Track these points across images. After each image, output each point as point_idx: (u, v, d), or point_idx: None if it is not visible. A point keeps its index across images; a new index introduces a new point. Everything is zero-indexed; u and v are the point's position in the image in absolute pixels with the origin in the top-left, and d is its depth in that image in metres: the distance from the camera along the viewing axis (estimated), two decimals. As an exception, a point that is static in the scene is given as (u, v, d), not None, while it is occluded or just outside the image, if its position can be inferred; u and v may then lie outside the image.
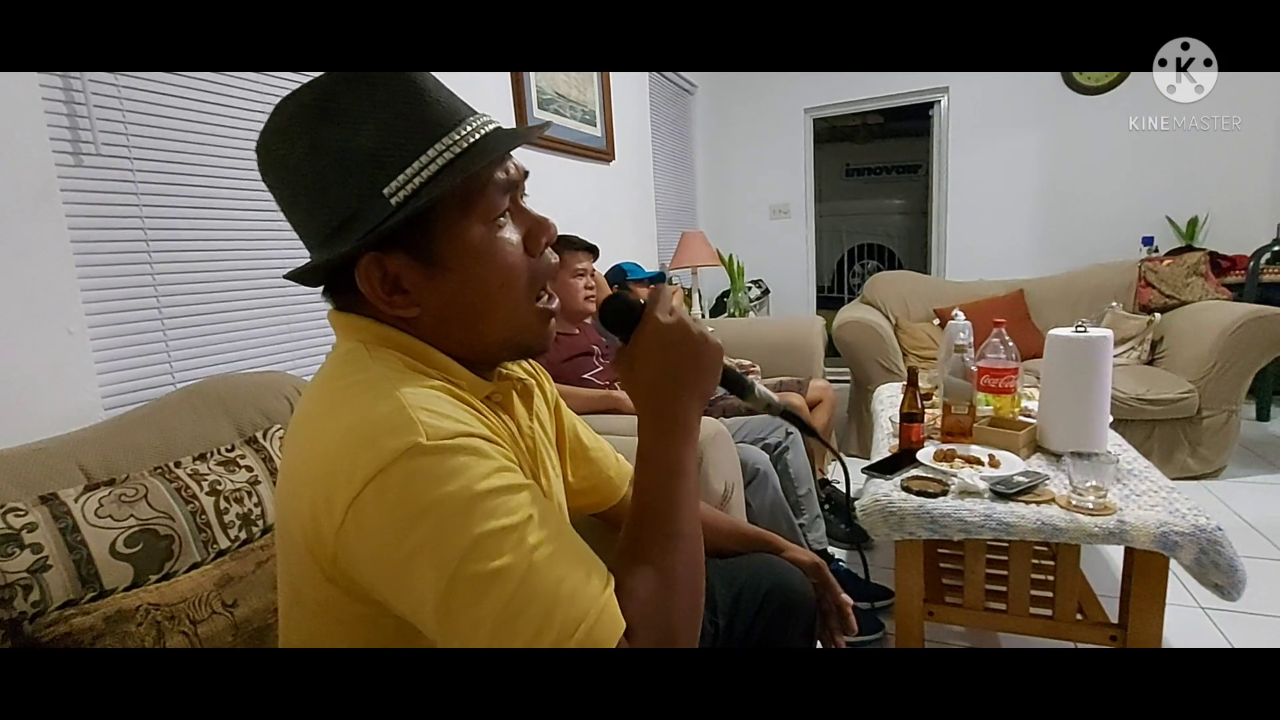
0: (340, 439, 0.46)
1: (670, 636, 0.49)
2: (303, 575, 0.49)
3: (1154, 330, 2.58)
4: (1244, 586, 1.06)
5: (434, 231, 0.51)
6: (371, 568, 0.45)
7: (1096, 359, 1.32)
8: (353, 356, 0.52)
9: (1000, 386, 1.54)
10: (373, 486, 0.43)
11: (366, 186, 0.50)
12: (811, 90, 4.09)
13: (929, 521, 1.18)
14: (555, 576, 0.45)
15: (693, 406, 0.57)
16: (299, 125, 0.51)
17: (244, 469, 0.88)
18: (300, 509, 0.48)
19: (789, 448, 1.70)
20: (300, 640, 0.54)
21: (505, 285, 0.54)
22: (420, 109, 0.51)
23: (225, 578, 0.73)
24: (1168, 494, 1.18)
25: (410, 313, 0.53)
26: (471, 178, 0.51)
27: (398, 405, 0.46)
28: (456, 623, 0.43)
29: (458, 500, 0.44)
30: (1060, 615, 1.21)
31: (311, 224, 0.53)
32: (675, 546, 0.52)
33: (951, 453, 1.39)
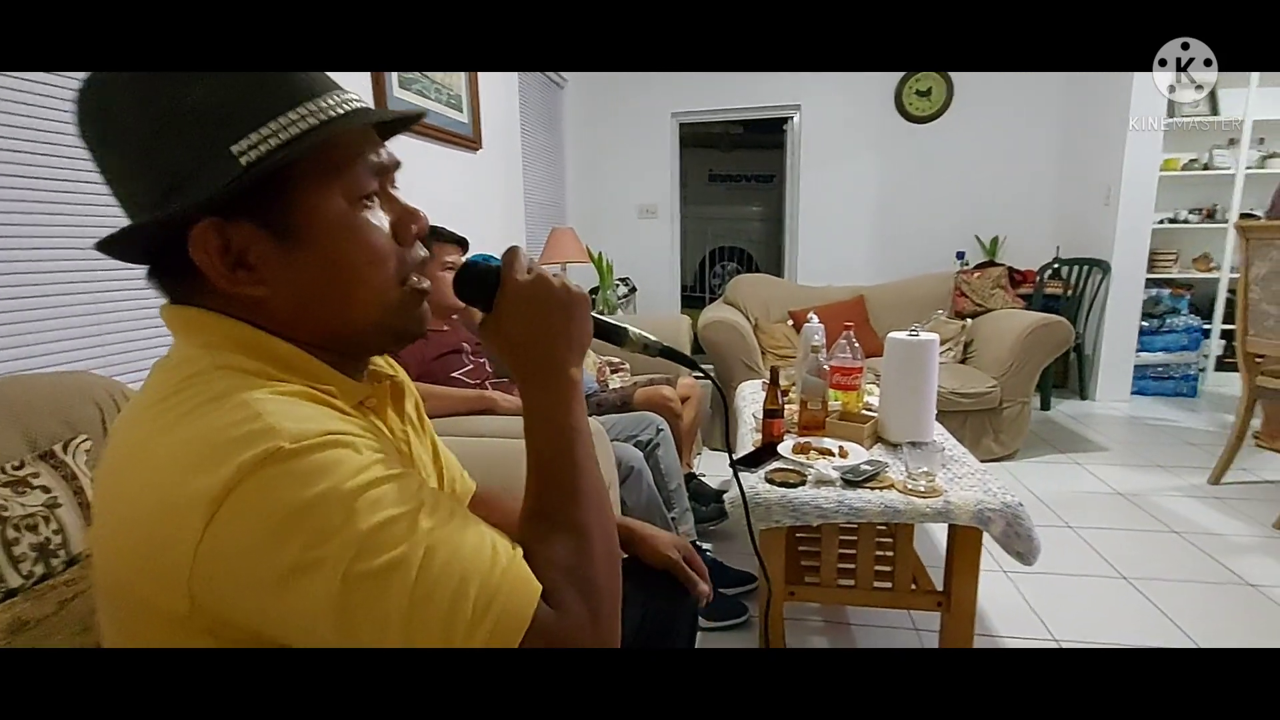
0: (179, 459, 0.40)
1: (593, 590, 0.47)
2: (147, 631, 0.42)
3: (966, 333, 2.97)
4: (1039, 553, 1.25)
5: (291, 200, 0.45)
6: (246, 599, 0.39)
7: (926, 359, 1.49)
8: (190, 364, 0.45)
9: (848, 384, 1.69)
10: (230, 504, 0.38)
11: (208, 143, 0.43)
12: (678, 96, 4.22)
13: (791, 510, 1.27)
14: (457, 558, 0.42)
15: (571, 359, 0.54)
16: (137, 80, 0.43)
17: (38, 489, 0.73)
18: (131, 550, 0.41)
19: (660, 444, 1.74)
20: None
21: (371, 264, 0.49)
22: (276, 71, 0.45)
23: (17, 622, 0.60)
24: (981, 476, 1.37)
25: (257, 292, 0.46)
26: (337, 147, 0.46)
27: (249, 412, 0.40)
28: (358, 629, 0.39)
29: (334, 498, 0.39)
30: (898, 587, 1.36)
31: (138, 186, 0.45)
32: (581, 501, 0.50)
33: (808, 445, 1.50)
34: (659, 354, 0.66)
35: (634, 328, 0.63)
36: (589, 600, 0.46)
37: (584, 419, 0.54)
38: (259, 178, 0.43)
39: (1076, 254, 3.65)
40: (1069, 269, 3.62)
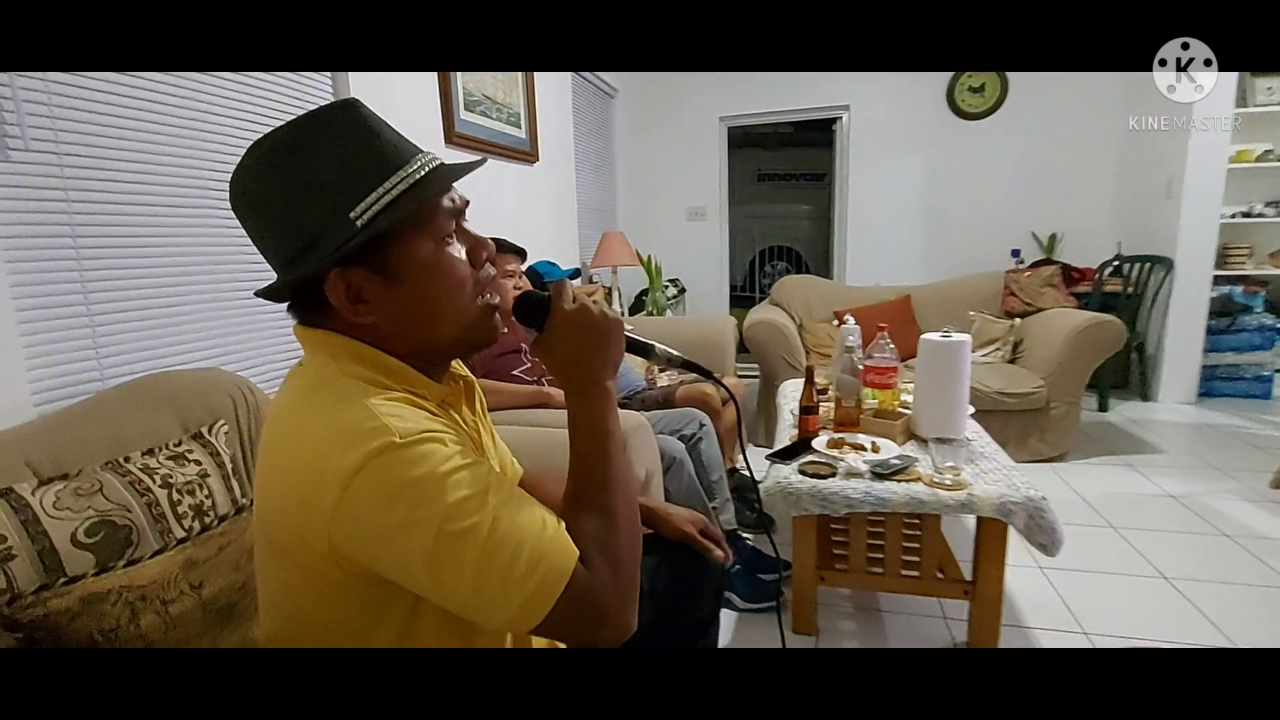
0: (323, 444, 0.55)
1: (617, 559, 0.60)
2: (296, 557, 0.58)
3: (1014, 333, 2.96)
4: (1062, 545, 1.31)
5: (392, 249, 0.60)
6: (367, 543, 0.54)
7: (957, 359, 1.56)
8: (324, 373, 0.61)
9: (883, 382, 1.76)
10: (359, 479, 0.53)
11: (331, 211, 0.58)
12: (726, 99, 4.31)
13: (820, 499, 1.37)
14: (516, 525, 0.56)
15: (606, 373, 0.67)
16: (270, 162, 0.59)
17: (193, 463, 0.92)
18: (288, 504, 0.56)
19: (702, 439, 1.86)
20: (287, 613, 0.63)
21: (453, 291, 0.63)
22: (376, 147, 0.60)
23: (189, 562, 0.78)
24: (1008, 472, 1.43)
25: (369, 319, 0.61)
26: (423, 203, 0.60)
27: (370, 414, 0.55)
28: (443, 573, 0.54)
29: (430, 479, 0.54)
30: (925, 575, 1.44)
31: (280, 246, 0.61)
32: (610, 489, 0.64)
33: (841, 440, 1.59)
34: (681, 366, 0.80)
35: (659, 344, 0.78)
36: (613, 566, 0.60)
37: (616, 422, 0.67)
38: (370, 235, 0.58)
39: (1138, 250, 3.55)
40: (1130, 266, 3.52)
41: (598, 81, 3.80)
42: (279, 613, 0.64)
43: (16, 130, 1.00)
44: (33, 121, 1.03)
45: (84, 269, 1.12)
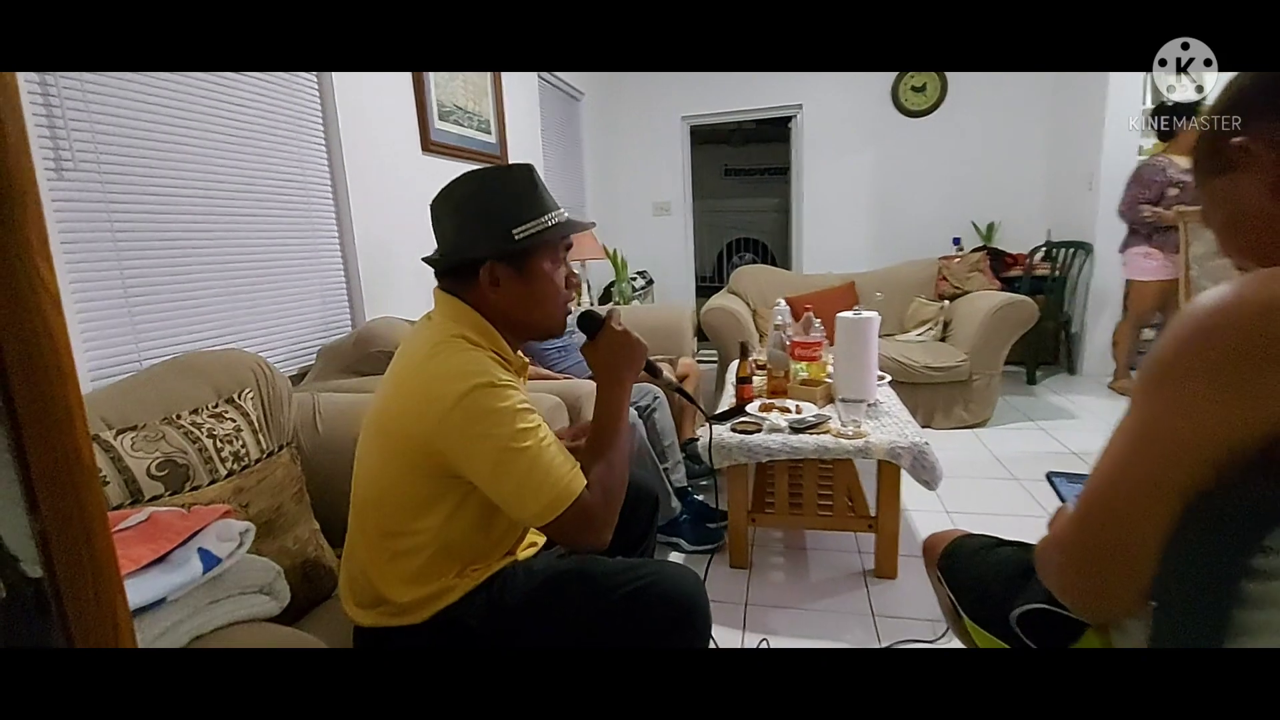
0: (444, 373, 0.85)
1: (610, 493, 0.91)
2: (402, 444, 0.86)
3: (945, 314, 3.27)
4: (940, 481, 1.59)
5: (528, 259, 0.93)
6: (457, 445, 0.83)
7: (866, 333, 1.83)
8: (447, 330, 0.91)
9: (809, 355, 2.04)
10: (465, 400, 0.82)
11: (502, 226, 0.91)
12: (687, 100, 4.56)
13: (746, 450, 1.65)
14: (550, 455, 0.86)
15: (629, 378, 0.99)
16: (472, 190, 0.93)
17: (229, 420, 1.15)
18: (409, 408, 0.86)
19: (656, 409, 2.12)
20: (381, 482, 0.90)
21: (553, 297, 0.97)
22: (535, 195, 0.94)
23: (238, 489, 1.03)
24: (904, 427, 1.71)
25: (498, 300, 0.93)
26: (553, 239, 0.94)
27: (477, 360, 0.87)
28: (500, 474, 0.84)
29: (506, 411, 0.84)
30: (837, 511, 1.73)
31: (458, 237, 0.93)
32: (614, 449, 0.95)
33: (771, 405, 1.87)
34: (675, 391, 1.16)
35: (666, 371, 1.11)
36: (606, 497, 0.91)
37: (627, 409, 0.99)
38: (520, 247, 0.90)
39: (1065, 237, 3.88)
40: (1057, 251, 3.86)
41: (564, 85, 4.03)
42: (371, 480, 0.92)
43: (68, 152, 1.22)
44: (77, 138, 1.25)
45: (124, 268, 1.34)
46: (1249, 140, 0.57)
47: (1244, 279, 0.50)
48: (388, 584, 0.91)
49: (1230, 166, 0.60)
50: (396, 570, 0.91)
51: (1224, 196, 0.62)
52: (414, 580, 0.91)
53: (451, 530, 0.91)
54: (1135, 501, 0.53)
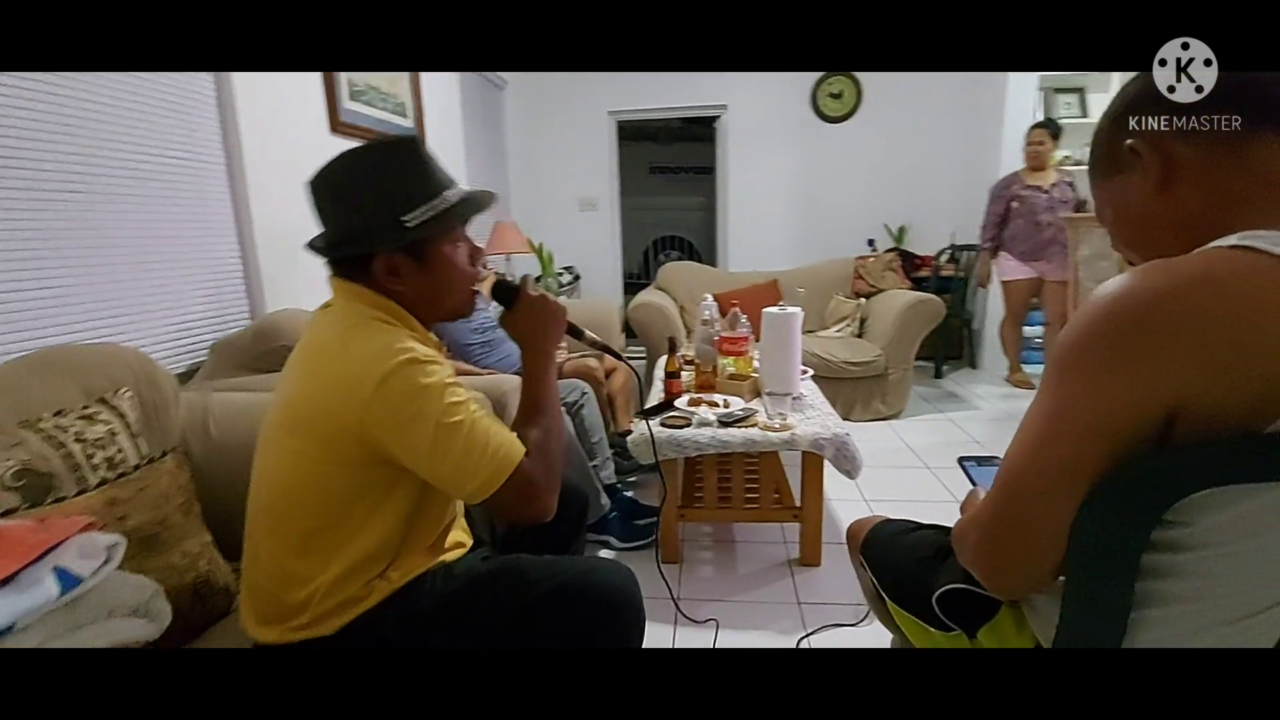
0: (367, 353, 0.79)
1: (549, 460, 0.88)
2: (325, 431, 0.80)
3: (862, 311, 3.41)
4: (861, 470, 1.64)
5: (426, 246, 0.87)
6: (389, 426, 0.79)
7: (790, 328, 1.87)
8: (361, 313, 0.85)
9: (735, 350, 2.06)
10: (391, 379, 0.78)
11: (389, 213, 0.84)
12: (614, 94, 4.53)
13: (676, 445, 1.64)
14: (485, 427, 0.82)
15: (552, 342, 0.97)
16: (352, 168, 0.85)
17: (101, 423, 1.02)
18: (330, 393, 0.80)
19: (584, 405, 2.08)
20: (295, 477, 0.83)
21: (459, 279, 0.91)
22: (427, 173, 0.86)
23: (112, 500, 0.91)
24: (826, 419, 1.76)
25: (399, 288, 0.87)
26: (453, 220, 0.87)
27: (400, 338, 0.82)
28: (437, 452, 0.79)
29: (436, 387, 0.80)
30: (763, 503, 1.75)
31: (343, 226, 0.86)
32: (548, 414, 0.93)
33: (700, 399, 1.87)
34: (600, 348, 1.11)
35: (588, 331, 1.09)
36: (545, 465, 0.88)
37: (554, 374, 0.98)
38: (415, 236, 0.84)
39: (968, 240, 4.13)
40: (961, 254, 4.10)
41: (485, 73, 3.91)
42: (283, 480, 0.84)
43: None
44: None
45: (-31, 250, 1.17)
46: (1137, 143, 0.60)
47: (1138, 270, 0.52)
48: (296, 591, 0.83)
49: (1120, 168, 0.63)
50: (309, 574, 0.83)
51: (1115, 196, 0.66)
52: (329, 586, 0.83)
53: (376, 525, 0.85)
54: (1049, 480, 0.55)
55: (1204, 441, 0.48)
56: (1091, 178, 0.70)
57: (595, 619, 0.86)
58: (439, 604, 0.87)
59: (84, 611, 0.64)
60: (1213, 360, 0.47)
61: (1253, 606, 0.51)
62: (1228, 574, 0.51)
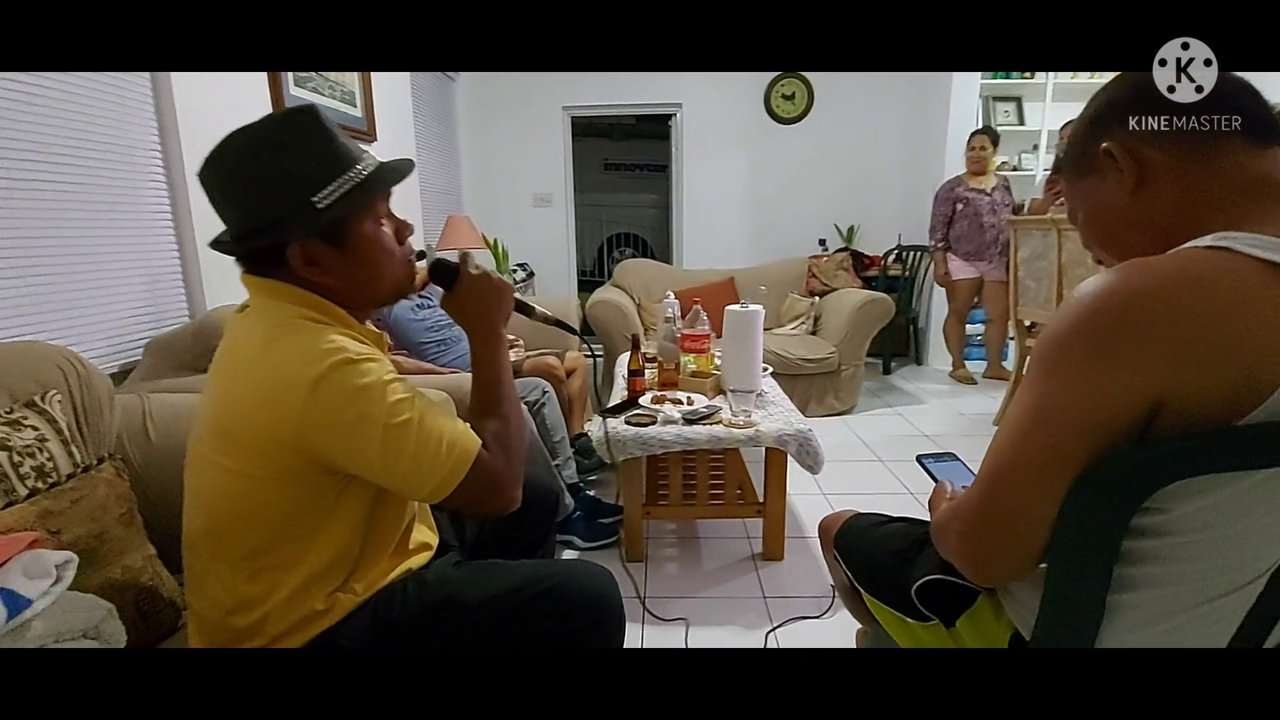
0: (292, 359, 0.71)
1: (510, 449, 0.83)
2: (259, 447, 0.73)
3: (816, 309, 3.48)
4: (823, 465, 1.67)
5: (344, 227, 0.78)
6: (330, 434, 0.72)
7: (752, 325, 1.89)
8: (282, 313, 0.76)
9: (697, 348, 2.07)
10: (323, 384, 0.70)
11: (296, 196, 0.74)
12: (569, 89, 4.48)
13: (641, 443, 1.63)
14: (437, 422, 0.76)
15: (501, 321, 0.90)
16: (246, 150, 0.75)
17: (29, 428, 0.93)
18: (257, 405, 0.72)
19: (545, 404, 2.05)
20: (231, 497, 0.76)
21: (388, 261, 0.82)
22: (333, 148, 0.77)
23: (45, 512, 0.83)
24: (789, 415, 1.78)
25: (321, 279, 0.78)
26: (369, 195, 0.78)
27: (328, 338, 0.73)
28: (389, 455, 0.73)
29: (375, 386, 0.73)
30: (728, 500, 1.76)
31: (246, 217, 0.76)
32: (504, 401, 0.87)
33: (663, 397, 1.87)
34: (553, 324, 1.04)
35: (539, 306, 1.02)
36: (507, 454, 0.83)
37: (507, 356, 0.90)
38: (329, 218, 0.75)
39: (914, 241, 4.28)
40: (907, 254, 4.24)
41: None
42: (218, 500, 0.77)
43: None
44: None
45: None
46: (1113, 146, 0.63)
47: (1119, 269, 0.54)
48: (248, 615, 0.78)
49: (1095, 169, 0.66)
50: (260, 597, 0.78)
51: (1087, 196, 0.68)
52: (283, 605, 0.78)
53: (329, 536, 0.79)
54: (1035, 471, 0.56)
55: (1183, 433, 0.50)
56: (1065, 177, 0.72)
57: (577, 624, 0.84)
58: (413, 614, 0.84)
59: (33, 636, 0.59)
60: (1192, 356, 0.49)
61: (1222, 588, 0.54)
62: (1201, 558, 0.53)
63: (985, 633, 0.71)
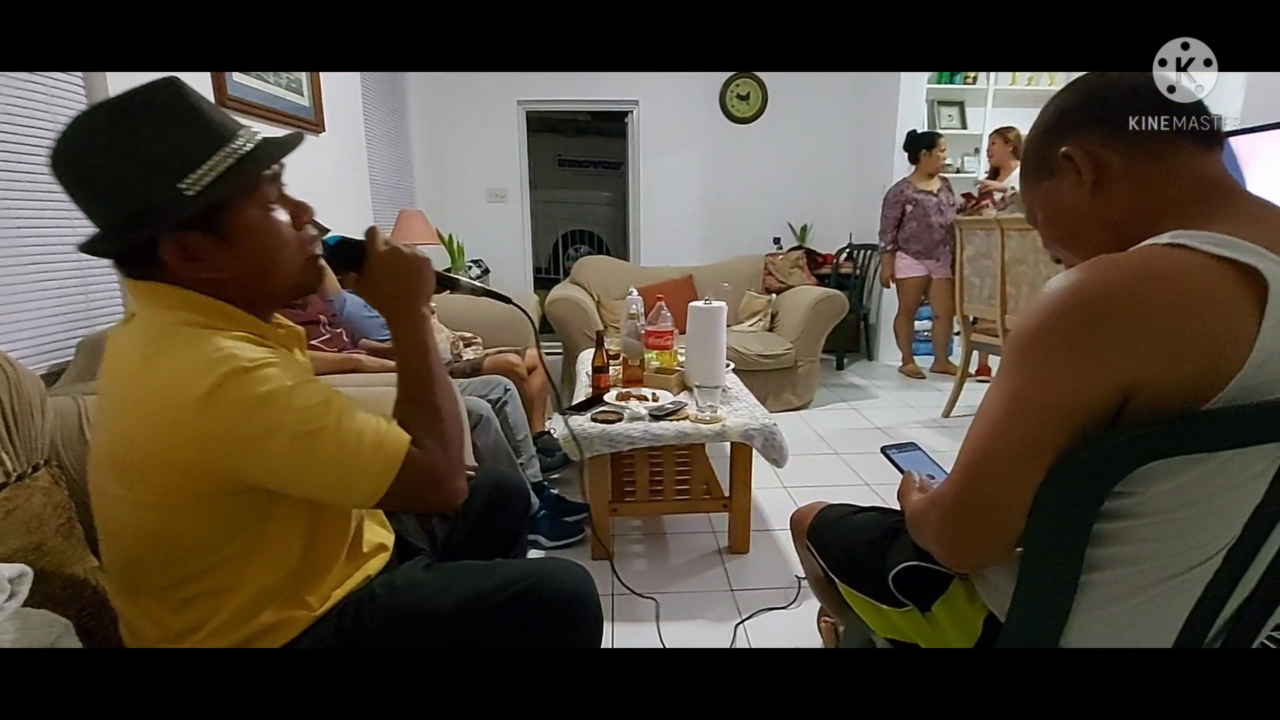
0: (176, 375, 0.63)
1: (446, 439, 0.75)
2: (159, 477, 0.65)
3: (772, 306, 3.54)
4: (788, 458, 1.70)
5: (224, 215, 0.68)
6: (233, 453, 0.64)
7: (715, 321, 1.90)
8: (164, 320, 0.67)
9: (661, 344, 2.07)
10: (215, 398, 0.62)
11: (161, 183, 0.64)
12: (523, 83, 4.42)
13: (608, 440, 1.62)
14: (356, 423, 0.69)
15: (422, 300, 0.80)
16: (97, 136, 0.64)
17: (-49, 434, 0.86)
18: (145, 431, 0.64)
19: (507, 402, 2.02)
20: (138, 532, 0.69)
21: (282, 249, 0.73)
22: (201, 124, 0.67)
23: (-26, 523, 0.77)
24: (753, 410, 1.80)
25: (205, 275, 0.69)
26: (251, 176, 0.69)
27: (216, 346, 0.64)
28: (305, 467, 0.66)
29: (278, 393, 0.65)
30: (694, 494, 1.77)
31: (108, 213, 0.67)
32: (434, 388, 0.78)
33: (628, 394, 1.86)
34: (484, 295, 0.97)
35: (463, 278, 0.93)
36: (443, 444, 0.75)
37: (433, 338, 0.81)
38: (202, 204, 0.65)
39: (864, 240, 4.40)
40: (858, 252, 4.36)
41: (388, 54, 3.68)
42: (127, 534, 0.70)
43: None
44: None
45: None
46: (1072, 150, 0.65)
47: (1087, 265, 0.57)
48: (183, 644, 0.72)
49: (1053, 172, 0.68)
50: (195, 624, 0.71)
51: (1046, 198, 0.71)
52: (222, 630, 0.72)
53: (267, 555, 0.73)
54: (1013, 459, 0.58)
55: (1152, 419, 0.53)
56: (1023, 180, 0.75)
57: (556, 625, 0.83)
58: (384, 621, 0.80)
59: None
60: (1159, 347, 0.52)
61: (1185, 565, 0.57)
62: (1167, 538, 0.56)
63: (960, 615, 0.73)
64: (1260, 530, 0.55)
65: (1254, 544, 0.56)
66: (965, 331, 3.09)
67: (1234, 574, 0.57)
